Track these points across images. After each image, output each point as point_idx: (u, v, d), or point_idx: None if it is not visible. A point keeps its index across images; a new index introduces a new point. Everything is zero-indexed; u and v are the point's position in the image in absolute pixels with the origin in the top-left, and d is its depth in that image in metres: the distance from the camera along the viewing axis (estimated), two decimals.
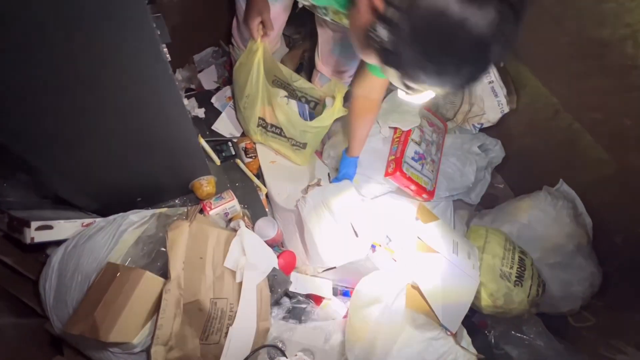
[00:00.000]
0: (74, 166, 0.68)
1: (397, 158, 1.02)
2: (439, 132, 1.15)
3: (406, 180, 1.00)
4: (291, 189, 1.02)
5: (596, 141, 0.91)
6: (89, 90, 0.54)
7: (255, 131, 1.05)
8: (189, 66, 1.25)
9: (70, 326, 0.54)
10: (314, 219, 0.90)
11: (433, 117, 1.16)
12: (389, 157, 1.06)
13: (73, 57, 0.49)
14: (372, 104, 0.91)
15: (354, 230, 0.87)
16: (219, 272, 0.71)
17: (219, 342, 0.68)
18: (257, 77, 0.92)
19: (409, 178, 1.00)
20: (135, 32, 0.49)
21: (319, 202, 0.91)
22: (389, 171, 1.03)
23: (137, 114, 0.62)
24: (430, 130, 1.11)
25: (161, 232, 0.69)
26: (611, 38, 0.70)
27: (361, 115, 0.93)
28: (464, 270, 0.86)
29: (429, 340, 0.72)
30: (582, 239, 0.99)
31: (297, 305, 0.90)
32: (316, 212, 0.90)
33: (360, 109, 0.92)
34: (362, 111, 0.92)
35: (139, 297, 0.56)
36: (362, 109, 0.92)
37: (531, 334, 0.92)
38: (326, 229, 0.89)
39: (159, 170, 0.81)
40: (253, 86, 0.94)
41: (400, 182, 1.01)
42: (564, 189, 1.05)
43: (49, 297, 0.62)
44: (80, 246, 0.66)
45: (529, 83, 1.03)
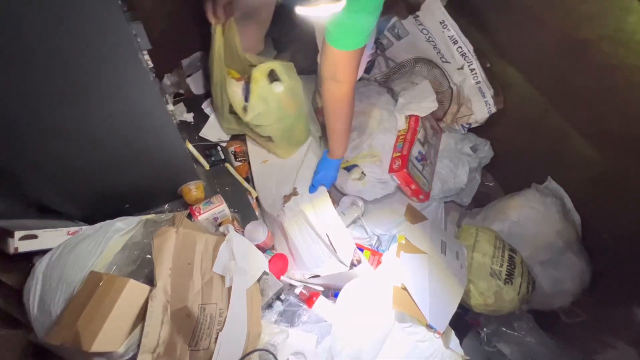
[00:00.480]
0: (58, 174, 0.68)
1: (404, 155, 1.02)
2: (437, 135, 1.16)
3: (409, 179, 1.00)
4: (276, 194, 1.02)
5: (583, 139, 0.92)
6: (70, 99, 0.54)
7: (229, 119, 1.00)
8: (177, 71, 1.24)
9: (52, 336, 0.53)
10: (295, 229, 0.90)
11: (433, 120, 1.18)
12: (394, 153, 1.05)
13: (52, 66, 0.49)
14: (340, 88, 0.80)
15: (331, 245, 0.85)
16: (207, 277, 0.71)
17: (209, 348, 0.67)
18: (219, 63, 0.87)
19: (412, 177, 1.00)
20: (114, 40, 0.49)
21: (297, 213, 0.90)
22: (394, 167, 1.02)
23: (120, 121, 0.62)
24: (431, 133, 1.12)
25: (147, 238, 0.68)
26: (591, 38, 0.71)
27: (333, 104, 0.84)
28: (452, 270, 0.86)
29: (415, 343, 0.72)
30: (571, 235, 1.00)
31: (288, 308, 0.90)
32: (296, 222, 0.90)
33: (331, 98, 0.82)
34: (333, 100, 0.83)
35: (123, 305, 0.55)
36: (333, 98, 0.82)
37: (523, 331, 0.92)
38: (307, 239, 0.89)
39: (146, 177, 0.80)
40: (218, 74, 0.89)
41: (403, 180, 1.01)
42: (552, 186, 1.06)
43: (32, 307, 0.62)
44: (65, 255, 0.65)
45: (516, 83, 1.04)
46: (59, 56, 0.48)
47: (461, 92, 1.13)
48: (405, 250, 0.86)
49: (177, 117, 1.10)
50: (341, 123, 0.88)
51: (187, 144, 0.92)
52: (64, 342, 0.52)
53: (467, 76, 1.08)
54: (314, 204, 0.90)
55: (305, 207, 0.90)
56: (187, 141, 0.92)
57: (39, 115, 0.55)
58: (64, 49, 0.47)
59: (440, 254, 0.88)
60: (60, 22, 0.45)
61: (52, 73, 0.50)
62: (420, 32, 1.11)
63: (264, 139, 1.03)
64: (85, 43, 0.47)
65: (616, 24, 0.64)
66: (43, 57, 0.47)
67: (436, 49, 1.10)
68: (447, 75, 1.13)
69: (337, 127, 0.88)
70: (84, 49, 0.48)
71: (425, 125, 1.10)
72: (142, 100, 0.59)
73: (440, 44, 1.09)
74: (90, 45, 0.48)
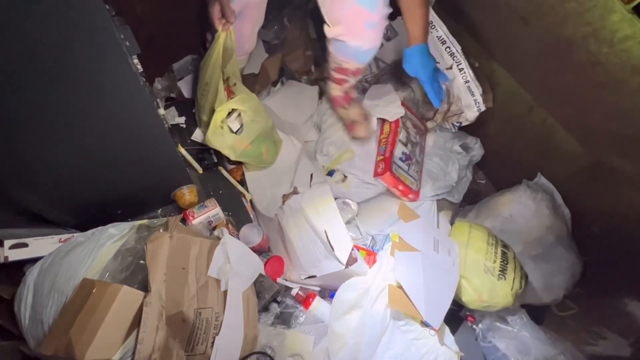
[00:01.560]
0: (48, 182, 0.67)
1: (387, 158, 1.03)
2: (421, 133, 1.17)
3: (395, 180, 1.01)
4: (271, 196, 1.02)
5: (569, 135, 0.94)
6: (58, 105, 0.53)
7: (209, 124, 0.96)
8: (168, 75, 1.24)
9: (44, 346, 0.53)
10: (293, 228, 0.90)
11: (415, 119, 1.19)
12: (377, 157, 1.07)
13: (39, 73, 0.48)
14: None
15: (329, 243, 0.86)
16: (202, 281, 0.71)
17: (205, 352, 0.67)
18: (214, 65, 0.87)
19: (397, 178, 1.01)
20: (102, 46, 0.48)
21: (297, 211, 0.90)
22: (378, 171, 1.03)
23: (110, 126, 0.62)
24: (414, 132, 1.13)
25: (140, 244, 0.68)
26: (574, 36, 0.73)
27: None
28: (444, 267, 0.87)
29: (410, 341, 0.73)
30: (562, 230, 1.02)
31: (285, 310, 0.90)
32: (295, 221, 0.90)
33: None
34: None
35: (117, 312, 0.55)
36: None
37: (517, 325, 0.94)
38: (305, 238, 0.89)
39: (138, 182, 0.80)
40: (212, 75, 0.89)
41: (389, 182, 1.02)
42: (542, 181, 1.08)
43: (24, 317, 0.61)
44: (57, 263, 0.64)
45: (503, 81, 1.06)
46: (45, 62, 0.47)
47: (451, 91, 1.15)
48: (399, 248, 0.86)
49: (168, 121, 1.09)
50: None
51: (180, 147, 0.92)
52: (56, 352, 0.51)
53: (456, 76, 1.10)
54: (316, 201, 0.90)
55: (306, 204, 0.90)
56: (179, 145, 0.92)
57: (26, 122, 0.54)
58: (50, 54, 0.47)
59: (433, 251, 0.89)
60: (46, 28, 0.44)
61: (39, 80, 0.49)
62: None
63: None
64: (72, 48, 0.47)
65: (599, 22, 0.65)
66: (29, 64, 0.47)
67: None
68: None
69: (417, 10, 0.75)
70: (71, 54, 0.48)
71: (407, 125, 1.12)
72: (132, 105, 0.59)
73: (429, 44, 1.10)
74: (78, 51, 0.48)
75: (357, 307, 0.81)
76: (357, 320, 0.79)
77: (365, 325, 0.77)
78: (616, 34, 0.64)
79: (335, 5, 0.77)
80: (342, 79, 0.93)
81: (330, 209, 0.89)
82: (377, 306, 0.79)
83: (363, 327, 0.77)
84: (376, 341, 0.74)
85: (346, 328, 0.79)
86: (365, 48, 0.83)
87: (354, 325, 0.79)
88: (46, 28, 0.44)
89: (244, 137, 0.94)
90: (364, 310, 0.80)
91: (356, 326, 0.78)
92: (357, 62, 0.89)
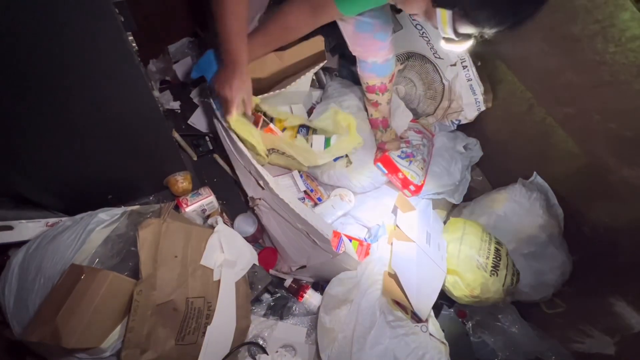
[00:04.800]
0: (36, 163, 0.64)
1: (385, 150, 1.05)
2: (428, 138, 1.17)
3: (394, 166, 1.02)
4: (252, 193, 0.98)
5: (568, 135, 0.94)
6: (48, 82, 0.50)
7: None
8: (163, 57, 1.19)
9: (29, 333, 0.51)
10: (274, 225, 0.90)
11: (420, 127, 1.19)
12: (376, 151, 1.08)
13: (29, 46, 0.45)
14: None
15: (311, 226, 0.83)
16: (195, 270, 0.69)
17: (197, 342, 0.66)
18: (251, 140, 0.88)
19: (395, 166, 1.02)
20: (96, 19, 0.45)
21: (270, 209, 0.89)
22: (377, 157, 1.04)
23: (102, 106, 0.59)
24: (419, 137, 1.13)
25: (132, 230, 0.66)
26: (582, 34, 0.72)
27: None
28: (435, 260, 0.88)
29: (400, 337, 0.73)
30: (554, 229, 1.03)
31: (277, 301, 0.90)
32: (273, 217, 0.89)
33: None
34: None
35: (105, 299, 0.53)
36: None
37: (506, 321, 0.95)
38: (288, 233, 0.89)
39: (130, 166, 0.77)
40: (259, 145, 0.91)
41: (388, 167, 1.03)
42: (537, 181, 1.08)
43: (8, 302, 0.58)
44: (44, 247, 0.62)
45: (505, 78, 1.05)
46: (35, 35, 0.44)
47: (453, 88, 1.14)
48: (397, 237, 0.87)
49: (163, 105, 1.06)
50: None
51: (174, 133, 0.89)
52: (42, 338, 0.49)
53: (459, 73, 1.09)
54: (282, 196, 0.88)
55: (274, 203, 0.88)
56: (173, 130, 0.89)
57: (14, 102, 0.51)
58: (41, 26, 0.44)
59: (425, 244, 0.89)
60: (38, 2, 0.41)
61: (28, 54, 0.46)
62: (414, 27, 1.11)
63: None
64: (64, 22, 0.44)
65: (609, 20, 0.64)
66: (18, 37, 0.44)
67: (429, 44, 1.11)
68: (440, 71, 1.13)
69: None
70: (63, 28, 0.45)
71: (407, 134, 1.13)
72: (126, 84, 0.56)
73: (434, 40, 1.09)
74: (70, 24, 0.45)
75: (347, 301, 0.81)
76: (346, 315, 0.79)
77: (354, 320, 0.78)
78: (625, 33, 0.64)
79: (357, 38, 0.92)
80: (376, 102, 1.04)
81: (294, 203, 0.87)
82: (366, 301, 0.79)
83: (352, 322, 0.78)
84: (365, 336, 0.74)
85: (336, 322, 0.79)
86: (380, 62, 0.97)
87: (343, 320, 0.79)
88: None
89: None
90: (353, 304, 0.80)
91: (345, 321, 0.79)
92: (377, 76, 0.99)
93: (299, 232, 0.87)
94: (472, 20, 0.48)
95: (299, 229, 0.85)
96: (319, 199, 1.07)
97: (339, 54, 1.26)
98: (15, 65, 0.47)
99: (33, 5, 0.42)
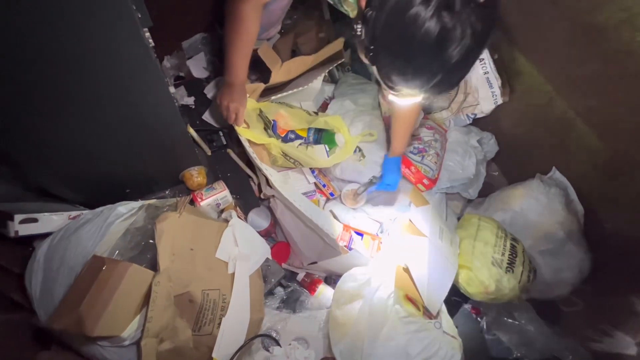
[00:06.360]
0: (57, 159, 0.66)
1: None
2: (440, 134, 1.15)
3: (406, 160, 1.02)
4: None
5: (590, 129, 0.91)
6: (67, 79, 0.52)
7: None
8: (177, 53, 1.21)
9: (54, 321, 0.53)
10: (289, 220, 0.90)
11: (432, 123, 1.17)
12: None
13: (49, 43, 0.46)
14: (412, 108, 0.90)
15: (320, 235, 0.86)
16: (210, 263, 0.71)
17: (212, 333, 0.67)
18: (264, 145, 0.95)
19: (409, 159, 1.02)
20: (114, 16, 0.46)
21: (286, 206, 0.90)
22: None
23: (121, 103, 0.60)
24: (430, 133, 1.12)
25: (150, 224, 0.67)
26: (608, 23, 0.69)
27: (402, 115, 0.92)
28: (447, 256, 0.87)
29: (413, 333, 0.72)
30: (573, 226, 1.00)
31: (290, 295, 0.90)
32: (288, 213, 0.90)
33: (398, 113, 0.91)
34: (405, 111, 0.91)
35: (125, 290, 0.55)
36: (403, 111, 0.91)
37: (522, 319, 0.93)
38: (302, 228, 0.89)
39: (147, 161, 0.79)
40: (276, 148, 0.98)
41: (402, 161, 1.03)
42: (556, 176, 1.05)
43: (35, 291, 0.61)
44: (66, 239, 0.64)
45: (524, 70, 1.02)
46: (54, 32, 0.45)
47: (468, 81, 1.12)
48: (410, 231, 0.87)
49: (178, 101, 1.07)
50: (407, 127, 0.96)
51: (189, 128, 0.90)
52: (66, 326, 0.52)
53: (475, 66, 1.05)
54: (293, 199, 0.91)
55: (287, 201, 0.91)
56: (188, 125, 0.90)
57: (36, 98, 0.53)
58: (59, 23, 0.45)
59: (438, 239, 0.89)
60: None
61: (48, 52, 0.47)
62: None
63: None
64: (82, 18, 0.45)
65: (637, 8, 0.61)
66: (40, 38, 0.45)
67: None
68: None
69: (401, 130, 0.96)
70: (81, 25, 0.45)
71: (418, 131, 1.12)
72: (144, 81, 0.57)
73: None
74: (88, 21, 0.45)
75: (359, 297, 0.81)
76: (358, 310, 0.79)
77: (366, 315, 0.78)
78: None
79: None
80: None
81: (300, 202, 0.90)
82: (378, 297, 0.79)
83: (364, 317, 0.78)
84: (377, 331, 0.74)
85: (347, 318, 0.79)
86: None
87: (355, 315, 0.79)
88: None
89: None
90: (365, 300, 0.80)
91: (357, 316, 0.78)
92: None
93: (309, 229, 0.88)
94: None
95: (309, 226, 0.86)
96: (332, 194, 1.07)
97: (351, 49, 1.25)
98: (37, 64, 0.48)
99: (54, 6, 0.43)
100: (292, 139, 1.03)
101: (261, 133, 0.97)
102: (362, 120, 1.08)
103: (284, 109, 1.02)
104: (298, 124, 1.04)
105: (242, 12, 0.77)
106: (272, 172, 0.95)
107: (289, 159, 0.98)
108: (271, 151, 0.97)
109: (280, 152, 0.96)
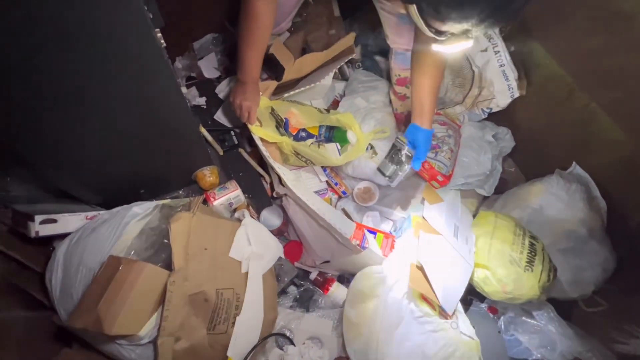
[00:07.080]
0: (74, 161, 0.68)
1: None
2: (454, 129, 1.13)
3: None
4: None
5: (613, 122, 0.87)
6: (80, 80, 0.52)
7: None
8: (188, 54, 1.22)
9: (74, 320, 0.54)
10: (301, 218, 0.89)
11: (445, 118, 1.14)
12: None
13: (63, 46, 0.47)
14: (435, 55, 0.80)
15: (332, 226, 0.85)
16: (224, 262, 0.71)
17: (227, 331, 0.68)
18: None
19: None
20: (126, 16, 0.46)
21: (296, 203, 0.90)
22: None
23: (134, 103, 0.61)
24: (443, 129, 1.09)
25: (164, 223, 0.68)
26: (633, 11, 0.66)
27: (423, 71, 0.84)
28: (462, 254, 0.85)
29: (429, 333, 0.71)
30: (596, 223, 0.96)
31: (303, 294, 0.90)
32: (301, 212, 0.89)
33: (423, 64, 0.83)
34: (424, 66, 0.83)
35: (142, 289, 0.56)
36: (425, 64, 0.83)
37: (542, 320, 0.90)
38: (315, 226, 0.89)
39: (161, 162, 0.80)
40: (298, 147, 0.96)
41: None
42: (577, 171, 1.01)
43: (55, 290, 0.63)
44: (84, 239, 0.66)
45: (542, 62, 0.98)
46: (68, 33, 0.46)
47: (483, 75, 1.08)
48: (424, 229, 0.85)
49: (190, 102, 1.08)
50: (433, 89, 0.88)
51: (201, 128, 0.91)
52: (85, 325, 0.53)
53: (490, 59, 1.03)
54: (305, 198, 0.90)
55: (300, 200, 0.90)
56: (200, 126, 0.91)
57: (51, 101, 0.54)
58: (74, 25, 0.45)
59: (452, 237, 0.87)
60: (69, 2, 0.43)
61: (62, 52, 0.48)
62: None
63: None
64: (96, 19, 0.45)
65: None
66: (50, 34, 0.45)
67: None
68: (469, 58, 1.08)
69: (425, 95, 0.88)
70: (94, 25, 0.46)
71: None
72: (157, 82, 0.57)
73: None
74: (101, 22, 0.46)
75: (373, 296, 0.80)
76: (372, 310, 0.78)
77: (380, 315, 0.77)
78: None
79: (399, 29, 0.94)
80: (404, 95, 1.03)
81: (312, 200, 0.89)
82: (393, 296, 0.78)
83: (378, 317, 0.77)
84: (392, 331, 0.73)
85: (362, 317, 0.79)
86: None
87: (369, 315, 0.78)
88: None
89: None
90: (380, 300, 0.79)
91: (371, 316, 0.78)
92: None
93: (322, 228, 0.87)
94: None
95: (321, 225, 0.86)
96: (344, 192, 1.06)
97: (362, 44, 1.23)
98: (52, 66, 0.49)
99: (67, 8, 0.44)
100: (303, 137, 1.02)
101: (273, 131, 0.97)
102: (374, 118, 1.07)
103: (295, 107, 1.02)
104: (309, 122, 1.03)
105: (257, 8, 0.77)
106: (285, 171, 0.95)
107: (301, 158, 0.98)
108: (283, 149, 0.97)
109: (292, 151, 0.96)
